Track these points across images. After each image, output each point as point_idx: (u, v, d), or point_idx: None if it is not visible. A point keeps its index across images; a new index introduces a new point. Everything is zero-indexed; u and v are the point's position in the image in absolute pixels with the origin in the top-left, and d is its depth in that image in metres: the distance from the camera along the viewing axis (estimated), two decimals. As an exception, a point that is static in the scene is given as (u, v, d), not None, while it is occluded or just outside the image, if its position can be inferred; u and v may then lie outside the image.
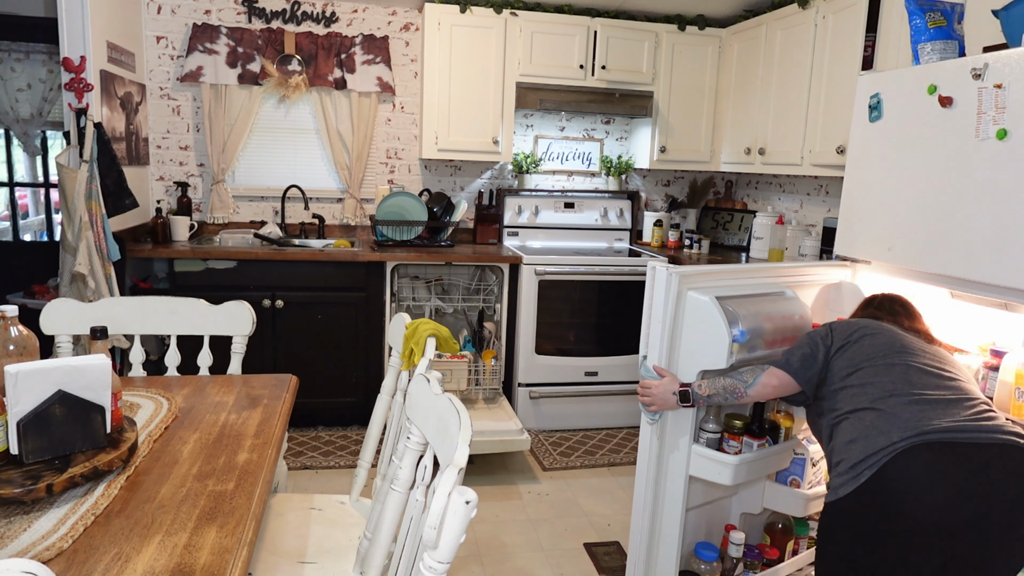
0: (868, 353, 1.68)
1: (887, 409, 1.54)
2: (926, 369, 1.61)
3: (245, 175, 3.98)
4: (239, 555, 1.08)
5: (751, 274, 2.17)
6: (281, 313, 3.47)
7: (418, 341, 1.78)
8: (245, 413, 1.68)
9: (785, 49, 3.46)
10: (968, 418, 1.49)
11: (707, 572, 2.15)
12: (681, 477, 2.02)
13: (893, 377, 1.60)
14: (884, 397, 1.57)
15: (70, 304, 2.01)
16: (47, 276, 4.35)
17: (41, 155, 4.72)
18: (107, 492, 1.24)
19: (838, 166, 3.00)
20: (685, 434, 2.01)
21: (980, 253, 1.80)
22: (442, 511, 0.94)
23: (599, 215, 4.31)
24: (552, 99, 3.94)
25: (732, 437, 2.02)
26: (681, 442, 2.01)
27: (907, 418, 1.50)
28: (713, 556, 2.16)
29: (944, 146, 1.91)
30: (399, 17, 4.01)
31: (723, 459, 1.95)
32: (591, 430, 3.82)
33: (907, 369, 1.61)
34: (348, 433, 3.63)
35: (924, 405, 1.52)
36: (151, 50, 3.77)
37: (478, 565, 2.53)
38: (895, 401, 1.55)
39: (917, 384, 1.58)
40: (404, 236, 3.81)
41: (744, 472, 1.97)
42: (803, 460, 2.12)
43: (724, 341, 1.87)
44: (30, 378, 1.23)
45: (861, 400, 1.61)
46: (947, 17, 2.07)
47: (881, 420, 1.53)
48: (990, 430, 1.46)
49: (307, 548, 1.70)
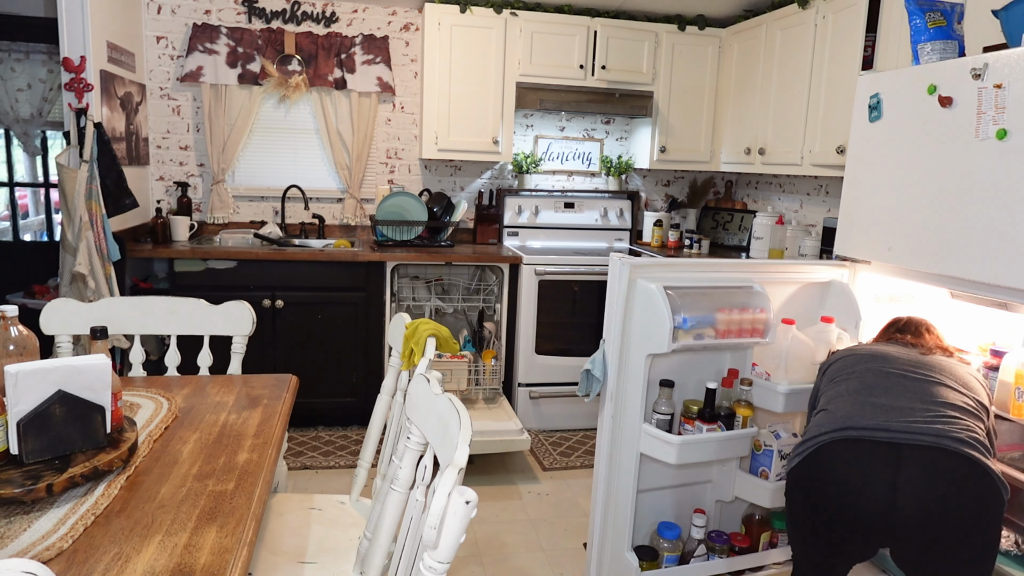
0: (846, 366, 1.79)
1: (831, 408, 1.68)
2: (895, 373, 1.67)
3: (245, 175, 3.98)
4: (239, 555, 1.08)
5: (716, 268, 2.29)
6: (281, 313, 3.47)
7: (418, 341, 1.78)
8: (245, 413, 1.68)
9: (785, 49, 3.46)
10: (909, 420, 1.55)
11: (667, 550, 2.24)
12: (633, 454, 2.16)
13: (852, 384, 1.71)
14: (836, 398, 1.70)
15: (70, 304, 2.00)
16: (47, 276, 4.35)
17: (41, 155, 4.72)
18: (107, 492, 1.24)
19: (838, 166, 3.00)
20: (637, 414, 2.14)
21: (980, 253, 1.80)
22: (442, 511, 0.94)
23: (599, 215, 4.31)
24: (552, 99, 3.94)
25: (687, 420, 2.16)
26: (633, 421, 2.16)
27: (842, 416, 1.62)
28: (674, 535, 2.25)
29: (944, 146, 1.91)
30: (399, 17, 4.01)
31: (668, 439, 2.08)
32: (591, 430, 3.82)
33: (870, 373, 1.70)
34: (348, 433, 3.63)
35: (866, 406, 1.62)
36: (151, 50, 3.77)
37: (478, 565, 2.53)
38: (842, 401, 1.67)
39: (875, 388, 1.66)
40: (404, 236, 3.81)
41: (689, 453, 2.08)
42: (771, 452, 2.18)
43: (666, 327, 2.00)
44: (30, 378, 1.23)
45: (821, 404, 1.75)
46: (947, 17, 2.07)
47: (824, 418, 1.67)
48: (926, 432, 1.51)
49: (307, 548, 1.70)
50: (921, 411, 1.56)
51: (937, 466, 1.48)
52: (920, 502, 1.48)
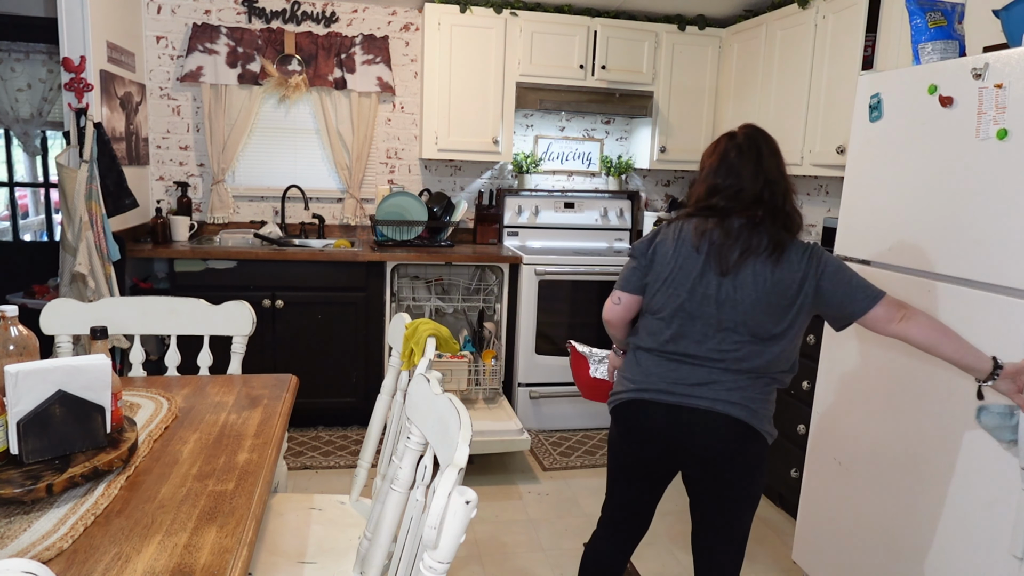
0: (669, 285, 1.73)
1: (643, 365, 1.76)
2: (702, 319, 1.68)
3: (245, 175, 3.98)
4: (239, 555, 1.08)
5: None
6: (281, 313, 3.47)
7: (418, 341, 1.78)
8: (245, 413, 1.68)
9: (785, 49, 3.46)
10: (697, 381, 1.68)
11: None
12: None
13: (664, 332, 1.73)
14: (648, 349, 1.76)
15: (70, 304, 2.00)
16: (47, 276, 4.35)
17: (41, 155, 4.72)
18: (107, 492, 1.24)
19: (838, 166, 3.00)
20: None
21: (980, 253, 1.80)
22: (442, 511, 0.94)
23: (599, 215, 4.31)
24: (552, 99, 3.94)
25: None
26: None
27: (654, 377, 1.73)
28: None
29: (944, 146, 1.91)
30: (399, 17, 4.01)
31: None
32: (591, 430, 3.82)
33: (681, 314, 1.70)
34: (348, 433, 3.63)
35: (670, 370, 1.72)
36: (151, 50, 3.77)
37: (478, 565, 2.53)
38: (651, 361, 1.75)
39: (682, 338, 1.70)
40: (404, 236, 3.81)
41: None
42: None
43: None
44: (30, 378, 1.23)
45: (641, 340, 1.79)
46: (947, 17, 2.07)
47: (636, 371, 1.77)
48: (704, 396, 1.67)
49: (307, 548, 1.70)
50: (714, 380, 1.68)
51: (720, 428, 1.67)
52: (700, 460, 1.72)
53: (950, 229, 1.89)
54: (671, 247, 1.71)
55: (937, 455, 1.91)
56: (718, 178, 1.72)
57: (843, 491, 2.27)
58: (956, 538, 1.85)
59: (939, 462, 1.91)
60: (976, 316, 1.81)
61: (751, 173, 1.69)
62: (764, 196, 1.68)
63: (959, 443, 1.85)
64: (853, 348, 2.24)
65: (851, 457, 2.23)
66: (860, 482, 2.19)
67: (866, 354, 2.18)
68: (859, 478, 2.20)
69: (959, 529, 1.84)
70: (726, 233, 1.67)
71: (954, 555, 1.86)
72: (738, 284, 1.65)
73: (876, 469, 2.13)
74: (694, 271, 1.68)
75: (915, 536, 1.98)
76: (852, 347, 2.24)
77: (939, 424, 1.91)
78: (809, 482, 2.44)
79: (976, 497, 1.79)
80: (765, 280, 1.64)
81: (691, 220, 1.73)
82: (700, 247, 1.68)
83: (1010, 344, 1.71)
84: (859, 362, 2.21)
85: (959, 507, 1.84)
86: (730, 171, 1.71)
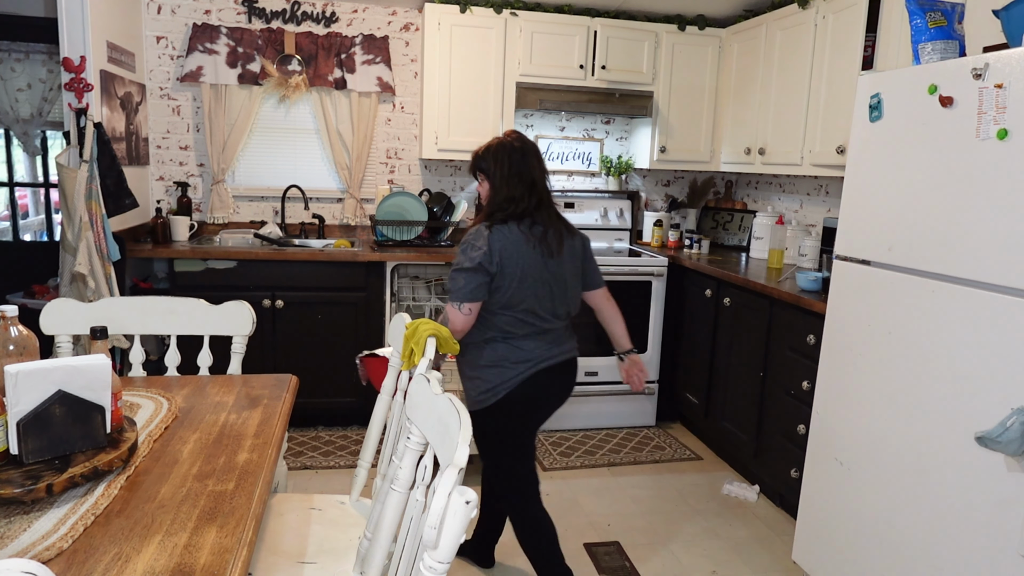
0: (516, 284, 2.06)
1: (524, 347, 2.10)
2: (547, 296, 2.11)
3: (245, 175, 3.98)
4: (239, 555, 1.08)
5: None
6: (281, 313, 3.47)
7: (418, 341, 1.78)
8: (245, 413, 1.68)
9: (785, 49, 3.46)
10: (559, 341, 2.16)
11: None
12: None
13: (529, 323, 2.10)
14: (524, 336, 2.10)
15: (70, 304, 2.00)
16: (47, 276, 4.34)
17: (41, 155, 4.71)
18: (107, 492, 1.24)
19: (838, 166, 3.00)
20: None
21: (981, 253, 1.80)
22: (442, 511, 0.94)
23: (599, 215, 4.31)
24: (552, 99, 3.94)
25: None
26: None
27: (528, 350, 2.10)
28: None
29: (944, 146, 1.91)
30: (399, 17, 4.01)
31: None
32: (591, 430, 3.82)
33: (534, 299, 2.08)
34: (348, 433, 3.63)
35: (539, 338, 2.12)
36: (151, 50, 3.77)
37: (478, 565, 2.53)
38: (532, 344, 2.11)
39: (539, 313, 2.10)
40: (404, 236, 3.81)
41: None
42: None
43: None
44: (30, 378, 1.23)
45: (513, 329, 2.10)
46: (947, 17, 2.07)
47: (516, 353, 2.09)
48: (568, 350, 2.19)
49: (307, 548, 1.70)
50: (563, 331, 2.20)
51: (576, 367, 2.25)
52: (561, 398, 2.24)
53: (950, 229, 1.89)
54: (513, 251, 2.05)
55: (939, 454, 1.91)
56: (515, 187, 2.10)
57: (843, 491, 2.27)
58: (960, 537, 1.85)
59: (941, 461, 1.91)
60: (976, 316, 1.81)
61: (537, 177, 2.14)
62: (544, 192, 2.15)
63: (962, 442, 1.84)
64: (853, 348, 2.24)
65: (852, 457, 2.23)
66: (861, 482, 2.19)
67: (866, 354, 2.18)
68: (860, 478, 2.20)
69: (963, 528, 1.84)
70: (543, 226, 2.11)
71: (957, 555, 1.86)
72: (563, 262, 2.14)
73: (877, 468, 2.13)
74: (536, 263, 2.08)
75: (916, 536, 1.98)
76: (852, 347, 2.24)
77: (940, 423, 1.91)
78: (809, 482, 2.44)
79: (984, 496, 1.79)
80: (573, 255, 2.19)
81: (508, 225, 2.08)
82: (531, 243, 2.08)
83: (1010, 344, 1.71)
84: (859, 362, 2.21)
85: (963, 506, 1.84)
86: (521, 179, 2.11)
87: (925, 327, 1.96)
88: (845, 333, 2.28)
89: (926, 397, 1.95)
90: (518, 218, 2.09)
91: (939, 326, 1.92)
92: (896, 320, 2.06)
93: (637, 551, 2.67)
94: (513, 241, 2.05)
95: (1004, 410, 1.71)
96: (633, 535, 2.78)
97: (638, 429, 3.88)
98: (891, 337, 2.08)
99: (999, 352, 1.74)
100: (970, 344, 1.82)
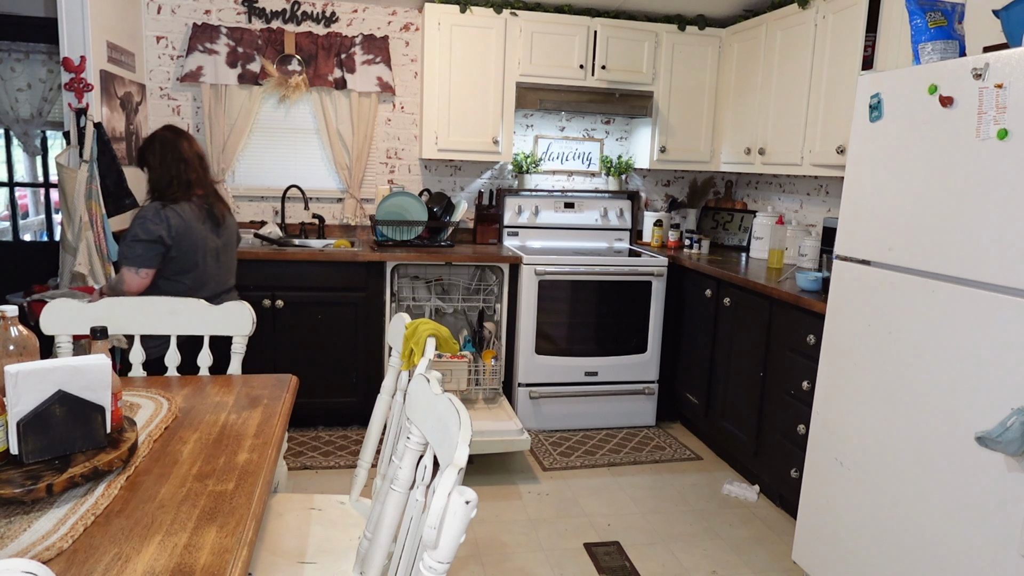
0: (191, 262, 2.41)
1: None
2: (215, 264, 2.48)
3: (245, 175, 3.98)
4: (239, 555, 1.08)
5: None
6: (281, 313, 3.47)
7: (418, 341, 1.78)
8: (245, 413, 1.68)
9: (785, 49, 3.46)
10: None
11: None
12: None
13: (203, 280, 2.45)
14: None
15: (70, 304, 2.00)
16: (47, 276, 4.34)
17: (41, 155, 4.71)
18: (107, 492, 1.24)
19: (838, 166, 3.00)
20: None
21: (981, 253, 1.80)
22: (442, 511, 0.94)
23: (599, 215, 4.31)
24: (552, 99, 3.94)
25: None
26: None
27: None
28: None
29: (944, 146, 1.91)
30: (399, 17, 4.01)
31: None
32: (591, 430, 3.82)
33: (212, 281, 2.46)
34: (348, 433, 3.63)
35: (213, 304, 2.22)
36: (151, 50, 3.77)
37: (478, 565, 2.53)
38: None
39: (208, 282, 2.47)
40: (404, 236, 3.81)
41: None
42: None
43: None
44: (30, 378, 1.23)
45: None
46: (947, 17, 2.07)
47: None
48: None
49: (307, 548, 1.70)
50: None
51: None
52: None
53: (950, 229, 1.89)
54: (185, 225, 2.39)
55: (939, 454, 1.91)
56: (170, 168, 2.43)
57: (843, 491, 2.27)
58: (960, 537, 1.85)
59: (941, 461, 1.91)
60: (976, 316, 1.81)
61: (191, 157, 2.48)
62: (200, 170, 2.52)
63: (962, 442, 1.85)
64: (853, 348, 2.24)
65: (852, 456, 2.23)
66: (861, 482, 2.19)
67: (866, 354, 2.18)
68: (860, 477, 2.20)
69: (963, 528, 1.84)
70: (205, 200, 2.48)
71: (957, 555, 1.86)
72: (226, 231, 2.55)
73: (877, 468, 2.13)
74: (208, 235, 2.46)
75: (916, 536, 1.98)
76: (852, 347, 2.24)
77: (940, 423, 1.91)
78: (809, 482, 2.44)
79: (984, 496, 1.79)
80: (231, 225, 2.61)
81: (178, 203, 2.40)
82: (200, 217, 2.44)
83: (1010, 344, 1.71)
84: (859, 362, 2.21)
85: (963, 506, 1.84)
86: (177, 160, 2.44)
87: (925, 327, 1.96)
88: (845, 333, 2.28)
89: (926, 397, 1.95)
90: (188, 192, 2.44)
91: (939, 326, 1.92)
92: (896, 320, 2.06)
93: (637, 551, 2.67)
94: (187, 216, 2.41)
95: (1004, 410, 1.71)
96: (633, 535, 2.78)
97: (638, 429, 3.88)
98: (891, 337, 2.08)
99: (999, 352, 1.74)
100: (970, 344, 1.82)
